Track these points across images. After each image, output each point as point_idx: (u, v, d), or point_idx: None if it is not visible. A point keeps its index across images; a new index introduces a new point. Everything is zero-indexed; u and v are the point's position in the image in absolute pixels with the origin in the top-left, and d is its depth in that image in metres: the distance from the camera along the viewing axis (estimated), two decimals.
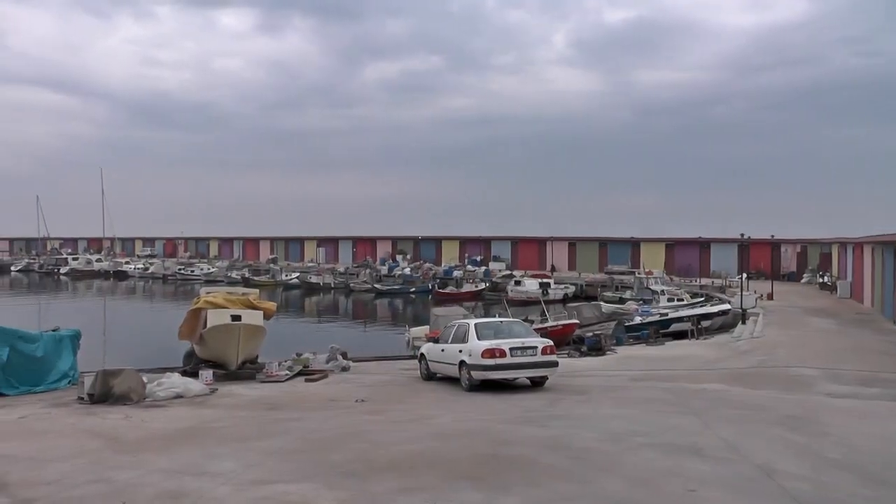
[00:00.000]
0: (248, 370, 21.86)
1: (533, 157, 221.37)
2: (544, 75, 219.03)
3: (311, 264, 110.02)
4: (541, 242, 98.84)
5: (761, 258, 78.20)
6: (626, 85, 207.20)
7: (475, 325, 19.21)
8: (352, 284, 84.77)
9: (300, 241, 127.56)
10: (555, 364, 18.49)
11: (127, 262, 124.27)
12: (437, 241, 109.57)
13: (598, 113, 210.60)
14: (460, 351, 18.47)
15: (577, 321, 37.46)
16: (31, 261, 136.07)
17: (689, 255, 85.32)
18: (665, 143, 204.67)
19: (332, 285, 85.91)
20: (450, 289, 75.88)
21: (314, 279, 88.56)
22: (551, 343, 18.79)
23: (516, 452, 10.99)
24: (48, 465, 11.56)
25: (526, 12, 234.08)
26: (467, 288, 75.90)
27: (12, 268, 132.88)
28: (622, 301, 56.41)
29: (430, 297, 73.46)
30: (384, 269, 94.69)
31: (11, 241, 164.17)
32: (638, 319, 41.07)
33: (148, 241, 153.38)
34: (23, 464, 11.69)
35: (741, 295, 42.86)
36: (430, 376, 20.36)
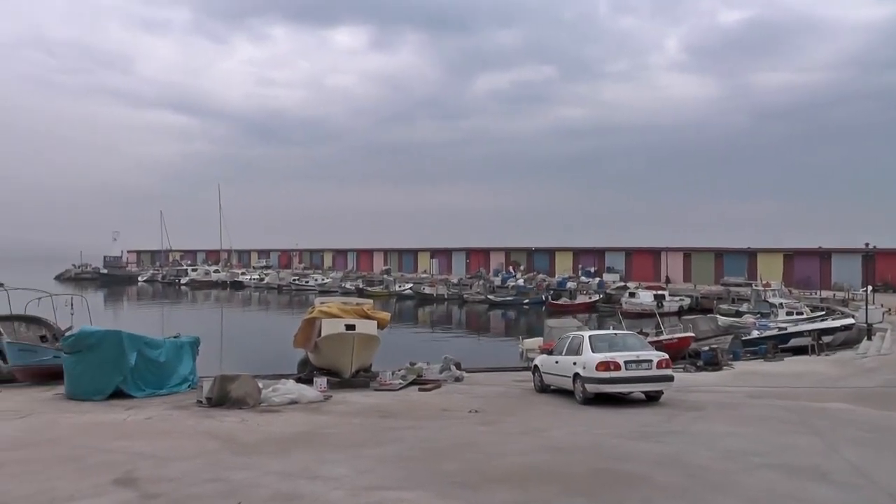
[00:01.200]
0: (362, 378, 22.09)
1: (646, 165, 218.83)
2: (657, 82, 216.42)
3: (424, 275, 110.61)
4: (655, 253, 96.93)
5: (888, 270, 74.56)
6: (742, 88, 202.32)
7: (589, 337, 18.92)
8: (465, 295, 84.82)
9: (413, 252, 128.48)
10: (670, 378, 18.06)
11: (243, 273, 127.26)
12: (550, 252, 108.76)
13: (713, 119, 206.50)
14: (574, 363, 18.21)
15: (692, 335, 36.50)
16: (156, 272, 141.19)
17: (808, 266, 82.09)
18: (782, 148, 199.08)
19: (446, 296, 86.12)
20: (563, 300, 75.18)
21: (428, 290, 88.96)
22: (667, 357, 18.34)
23: (630, 468, 10.78)
24: (171, 464, 11.99)
25: (638, 18, 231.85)
26: (581, 299, 75.05)
27: (139, 278, 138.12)
28: (739, 314, 54.73)
29: (543, 308, 72.87)
30: (497, 281, 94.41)
31: (138, 253, 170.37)
32: (755, 333, 39.77)
33: (263, 253, 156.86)
34: (149, 461, 12.21)
35: (866, 309, 41.03)
36: (543, 388, 20.14)
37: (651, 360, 17.62)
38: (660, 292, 69.41)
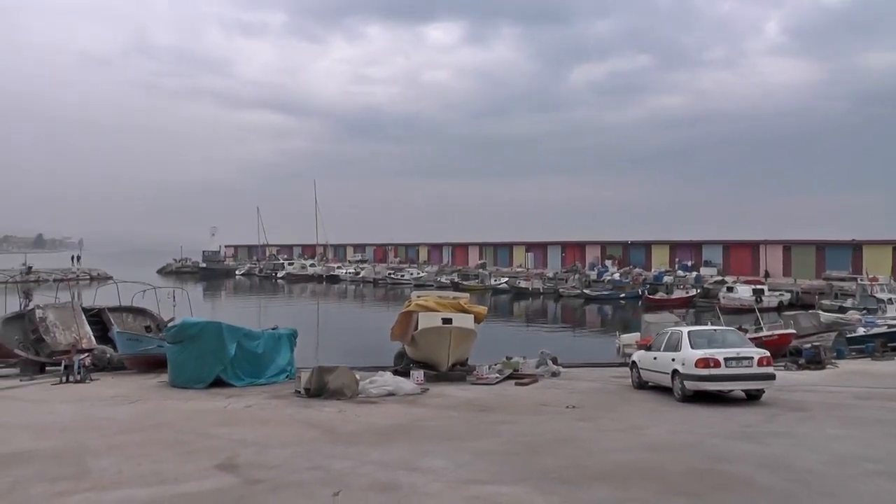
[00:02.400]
0: (459, 372, 22.20)
1: (745, 155, 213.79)
2: (757, 67, 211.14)
3: (519, 269, 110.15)
4: (754, 246, 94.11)
5: None
6: (847, 73, 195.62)
7: (688, 332, 18.58)
8: (561, 289, 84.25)
9: (509, 246, 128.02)
10: (772, 377, 17.60)
11: (339, 267, 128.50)
12: (646, 246, 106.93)
13: (815, 104, 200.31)
14: (673, 360, 17.92)
15: (793, 331, 35.46)
16: (253, 266, 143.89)
17: None
18: (890, 134, 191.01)
19: (541, 290, 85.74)
20: (660, 295, 74.02)
21: (523, 284, 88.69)
22: (768, 354, 17.85)
23: (732, 469, 10.58)
24: (271, 451, 12.32)
25: (736, 1, 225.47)
26: (678, 294, 73.80)
27: (236, 272, 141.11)
28: (843, 310, 52.91)
29: (639, 303, 71.94)
30: (593, 275, 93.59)
31: (236, 248, 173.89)
32: (861, 331, 38.32)
33: (359, 248, 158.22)
34: (250, 448, 12.58)
35: None
36: (641, 385, 19.90)
37: (752, 358, 17.21)
38: (759, 287, 67.58)
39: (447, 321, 22.11)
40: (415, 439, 13.21)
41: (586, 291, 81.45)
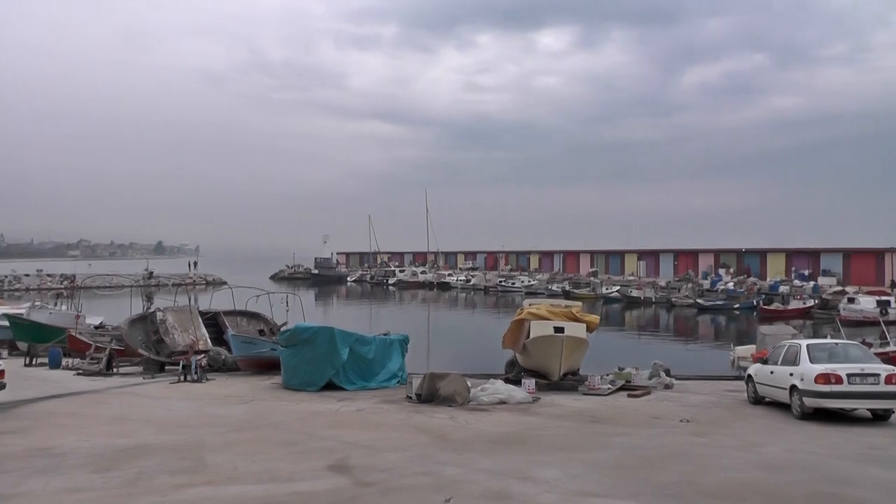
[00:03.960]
0: (570, 381, 22.02)
1: (868, 158, 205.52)
2: (881, 62, 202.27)
3: (631, 278, 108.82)
4: (878, 254, 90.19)
5: None
6: None
7: (807, 346, 17.87)
8: (673, 299, 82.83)
9: (620, 254, 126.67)
10: None
11: (450, 275, 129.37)
12: (761, 254, 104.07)
13: None
14: (791, 374, 17.29)
15: None
16: (364, 272, 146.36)
17: None
18: None
19: (653, 299, 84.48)
20: (775, 305, 71.86)
21: (635, 293, 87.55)
22: None
23: (857, 495, 10.15)
24: (382, 454, 12.48)
25: None
26: (794, 305, 71.45)
27: (348, 279, 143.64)
28: None
29: (754, 313, 70.08)
30: (706, 284, 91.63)
31: (348, 255, 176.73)
32: None
33: (470, 255, 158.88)
34: (362, 450, 12.79)
35: None
36: (757, 399, 19.27)
37: (878, 375, 16.37)
38: (884, 298, 64.39)
39: (559, 330, 21.95)
40: (526, 448, 13.16)
41: (699, 301, 79.80)
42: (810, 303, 71.60)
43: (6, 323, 37.41)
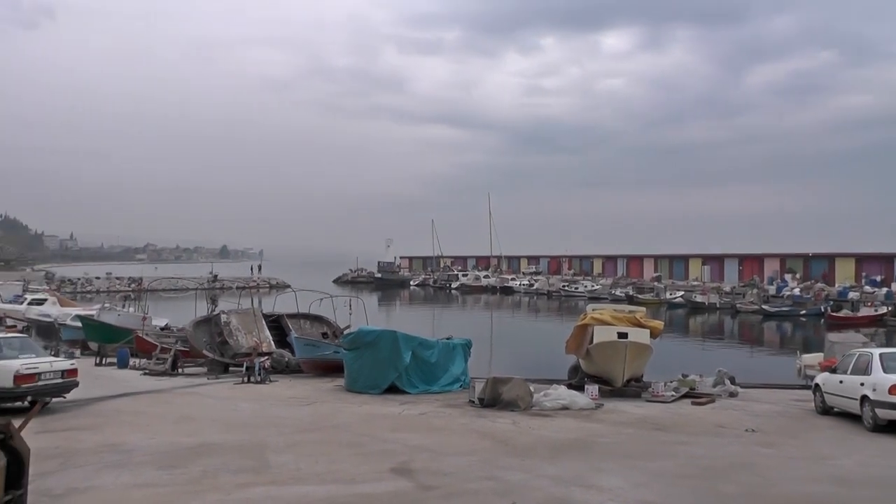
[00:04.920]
0: (634, 388, 21.80)
1: None
2: None
3: (695, 283, 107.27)
4: None
5: None
6: None
7: (880, 355, 17.32)
8: (738, 305, 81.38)
9: (684, 258, 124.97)
10: None
11: (513, 279, 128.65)
12: (829, 259, 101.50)
13: None
14: (862, 384, 16.79)
15: None
16: (427, 276, 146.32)
17: None
18: None
19: (717, 305, 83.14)
20: (844, 312, 70.04)
21: (699, 298, 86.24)
22: None
23: None
24: (445, 458, 12.51)
25: None
26: (865, 312, 69.52)
27: (411, 282, 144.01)
28: None
29: (822, 321, 68.50)
30: (772, 289, 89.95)
31: (411, 259, 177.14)
32: None
33: (533, 259, 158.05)
34: (425, 454, 12.83)
35: None
36: (825, 410, 18.77)
37: None
38: None
39: (623, 335, 21.76)
40: (589, 455, 13.07)
41: (765, 307, 78.27)
42: (882, 310, 69.64)
43: (78, 324, 38.42)
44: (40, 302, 54.50)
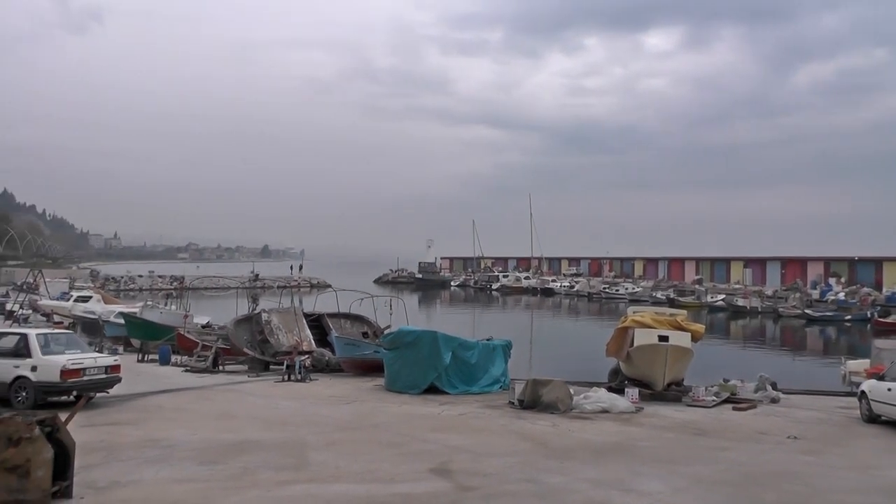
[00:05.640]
0: (674, 392, 21.60)
1: None
2: None
3: (736, 286, 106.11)
4: None
5: None
6: None
7: None
8: (780, 309, 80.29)
9: (726, 261, 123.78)
10: None
11: (553, 281, 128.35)
12: (876, 263, 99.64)
13: None
14: None
15: None
16: (467, 277, 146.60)
17: None
18: None
19: (759, 309, 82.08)
20: (893, 318, 68.98)
21: (740, 302, 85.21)
22: None
23: None
24: (484, 459, 12.51)
25: None
26: None
27: (451, 283, 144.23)
28: None
29: (868, 326, 67.41)
30: (815, 294, 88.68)
31: (451, 259, 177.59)
32: None
33: (574, 261, 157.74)
34: (464, 455, 12.85)
35: None
36: (872, 418, 18.41)
37: None
38: None
39: (663, 339, 21.58)
40: (630, 459, 12.99)
41: (808, 312, 77.21)
42: None
43: (122, 321, 38.92)
44: (85, 299, 55.23)
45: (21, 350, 17.97)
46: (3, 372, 17.63)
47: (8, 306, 55.80)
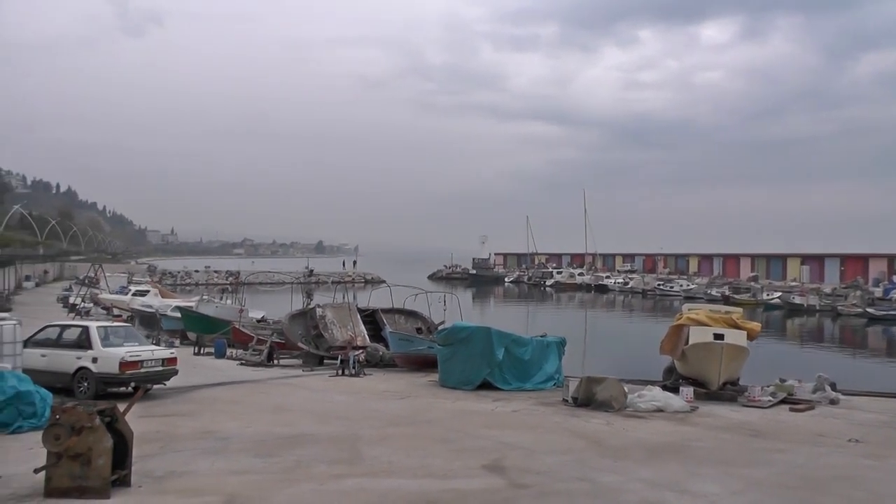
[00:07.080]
0: (730, 392, 21.29)
1: None
2: None
3: (793, 283, 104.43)
4: None
5: None
6: None
7: None
8: (839, 307, 78.94)
9: (782, 258, 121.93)
10: None
11: (608, 277, 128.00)
12: None
13: None
14: None
15: None
16: (521, 273, 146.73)
17: None
18: None
19: (817, 307, 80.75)
20: None
21: (797, 300, 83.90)
22: None
23: None
24: (538, 457, 12.48)
25: None
26: None
27: (505, 279, 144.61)
28: None
29: None
30: (877, 292, 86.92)
31: (505, 255, 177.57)
32: None
33: (628, 257, 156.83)
34: (517, 452, 12.85)
35: None
36: None
37: None
38: None
39: (719, 337, 21.29)
40: (685, 459, 12.83)
41: (869, 310, 75.65)
42: None
43: (178, 315, 39.57)
44: (143, 293, 56.35)
45: (83, 342, 18.59)
46: (67, 363, 18.27)
47: (71, 299, 57.51)
